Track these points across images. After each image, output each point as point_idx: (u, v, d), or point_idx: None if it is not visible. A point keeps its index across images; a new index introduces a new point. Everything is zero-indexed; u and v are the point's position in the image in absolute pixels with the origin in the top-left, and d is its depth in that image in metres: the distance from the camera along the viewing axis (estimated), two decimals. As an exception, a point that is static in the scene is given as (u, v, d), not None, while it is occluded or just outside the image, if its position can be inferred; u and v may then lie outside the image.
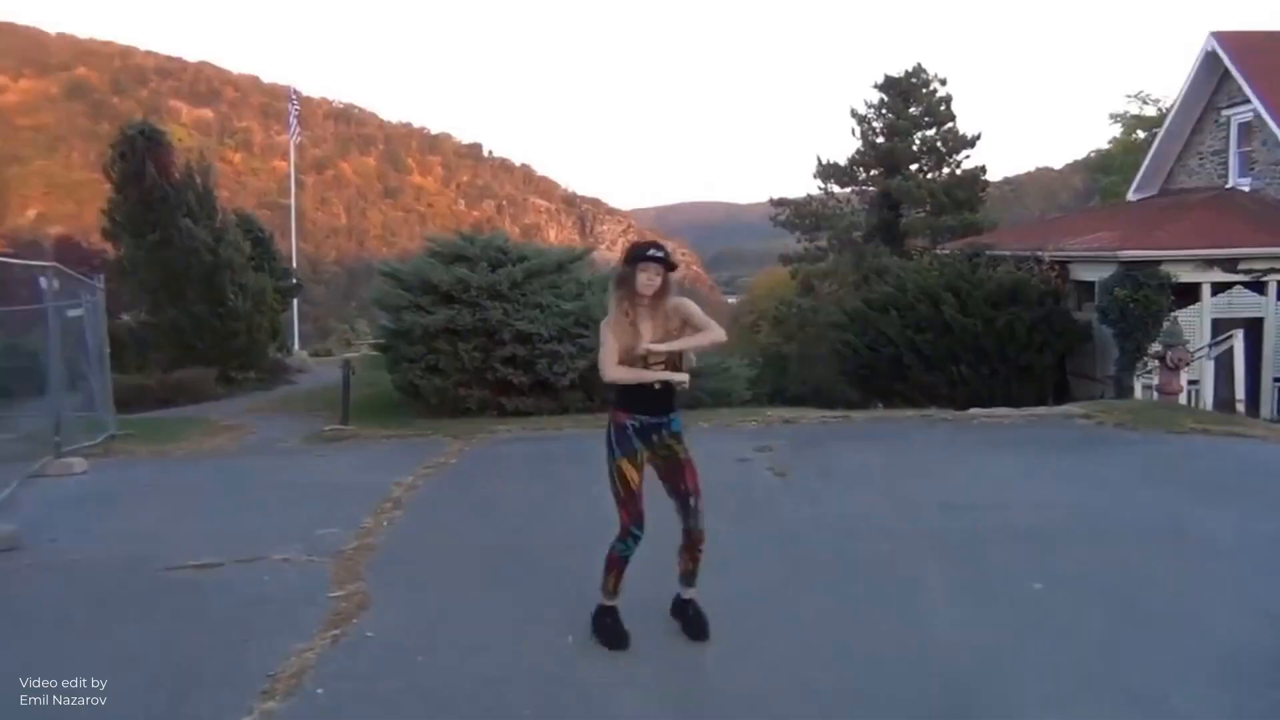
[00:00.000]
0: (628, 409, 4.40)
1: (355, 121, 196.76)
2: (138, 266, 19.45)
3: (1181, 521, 6.21)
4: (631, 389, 4.37)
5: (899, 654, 4.25)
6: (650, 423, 4.39)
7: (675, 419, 4.48)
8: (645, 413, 4.38)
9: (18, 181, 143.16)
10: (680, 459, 4.47)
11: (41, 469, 9.37)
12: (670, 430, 4.44)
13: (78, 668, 4.38)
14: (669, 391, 4.40)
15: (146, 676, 4.29)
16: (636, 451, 4.39)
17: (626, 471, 4.37)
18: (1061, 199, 60.72)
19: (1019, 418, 10.34)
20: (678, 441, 4.47)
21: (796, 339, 29.80)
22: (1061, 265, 18.22)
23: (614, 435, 4.42)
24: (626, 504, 4.38)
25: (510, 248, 13.50)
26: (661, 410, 4.41)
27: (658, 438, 4.42)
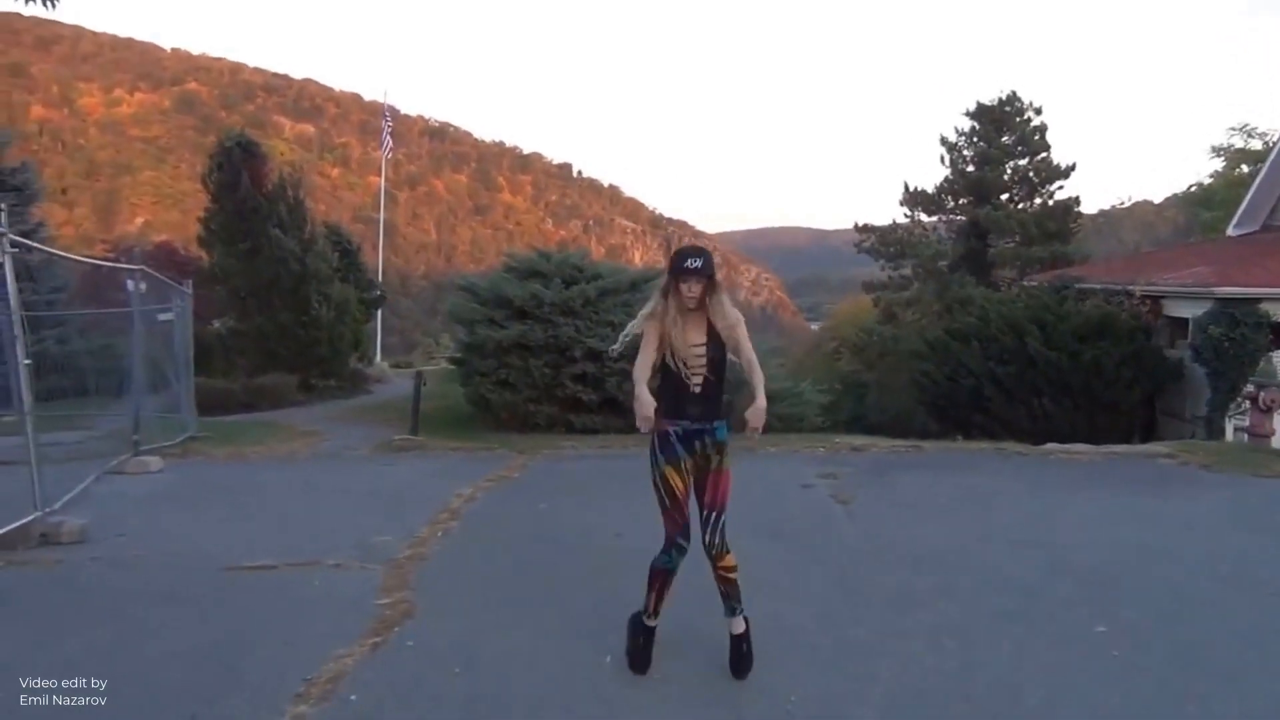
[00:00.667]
0: (670, 415, 4.29)
1: (450, 139, 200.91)
2: (229, 274, 20.01)
3: (1259, 570, 5.90)
4: (672, 394, 4.28)
5: (949, 693, 4.09)
6: (693, 429, 4.28)
7: (720, 427, 4.34)
8: (688, 418, 4.27)
9: (128, 190, 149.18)
10: (715, 469, 4.33)
11: (120, 466, 9.64)
12: (714, 439, 4.32)
13: (124, 663, 4.49)
14: (712, 395, 4.30)
15: (188, 674, 4.34)
16: (680, 459, 4.27)
17: (670, 479, 4.26)
18: (1158, 233, 58.94)
19: (1097, 455, 9.97)
20: (719, 452, 4.34)
21: (876, 367, 29.39)
22: (1154, 300, 17.67)
23: (657, 443, 4.31)
24: (671, 513, 4.27)
25: (585, 265, 13.54)
26: (705, 416, 4.29)
27: (700, 445, 4.30)
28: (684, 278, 4.23)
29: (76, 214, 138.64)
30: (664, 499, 4.28)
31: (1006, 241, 33.74)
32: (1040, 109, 34.62)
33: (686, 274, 4.23)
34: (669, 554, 4.26)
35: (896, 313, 34.41)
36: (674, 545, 4.25)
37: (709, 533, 4.30)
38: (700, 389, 4.26)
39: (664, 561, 4.28)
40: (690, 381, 4.25)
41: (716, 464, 4.32)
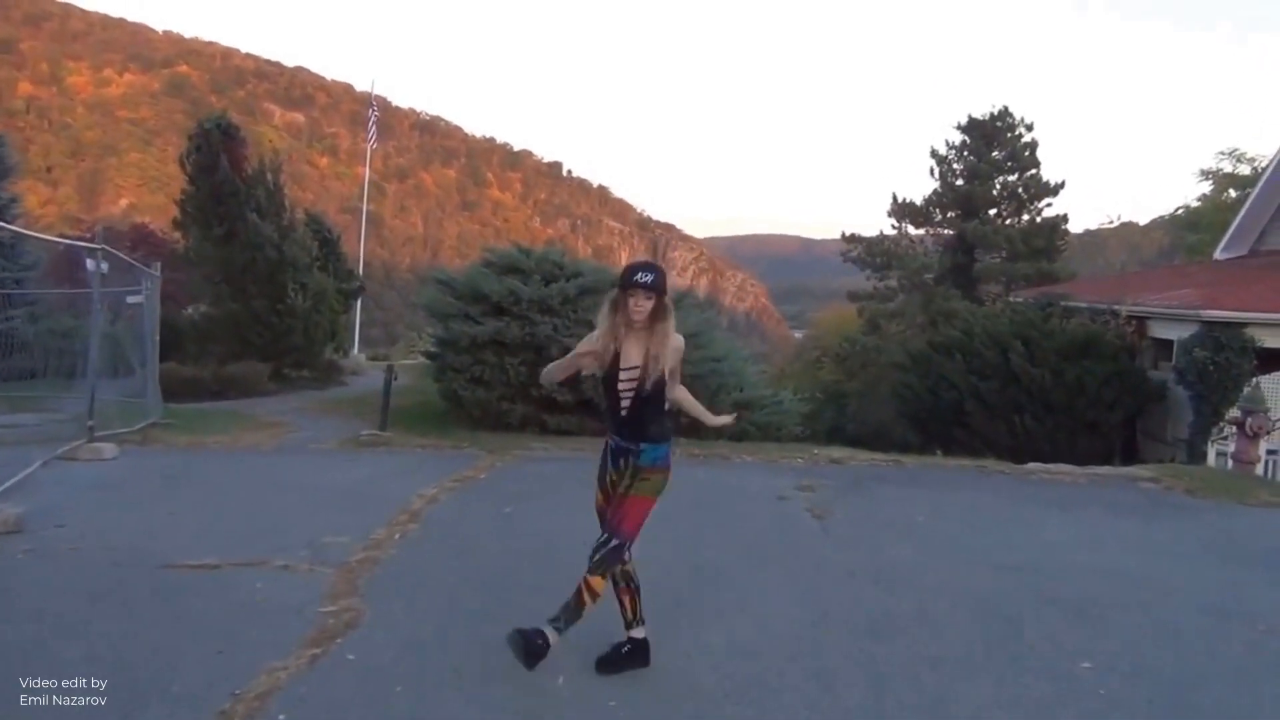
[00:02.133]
0: (608, 428, 4.26)
1: (440, 133, 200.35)
2: (204, 258, 19.55)
3: (1248, 603, 5.66)
4: (606, 408, 4.19)
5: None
6: (622, 447, 4.18)
7: (647, 450, 4.11)
8: (618, 435, 4.20)
9: (113, 171, 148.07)
10: (622, 491, 4.11)
11: (72, 452, 9.28)
12: (636, 461, 4.11)
13: (37, 667, 4.16)
14: (640, 419, 4.10)
15: (107, 681, 4.00)
16: (605, 473, 4.28)
17: (596, 492, 4.33)
18: (1145, 254, 59.00)
19: (1080, 476, 9.74)
20: (633, 476, 4.10)
21: (858, 378, 29.14)
22: (1139, 321, 17.52)
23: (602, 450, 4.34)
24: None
25: (566, 263, 13.21)
26: (631, 437, 4.12)
27: (624, 463, 4.16)
28: (632, 292, 4.00)
29: (60, 193, 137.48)
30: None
31: (993, 256, 33.65)
32: (1031, 125, 34.54)
33: (635, 288, 4.00)
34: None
35: (880, 324, 34.21)
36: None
37: (595, 548, 4.09)
38: (627, 412, 4.10)
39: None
40: (620, 402, 4.10)
41: (625, 487, 4.11)
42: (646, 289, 3.99)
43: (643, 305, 3.99)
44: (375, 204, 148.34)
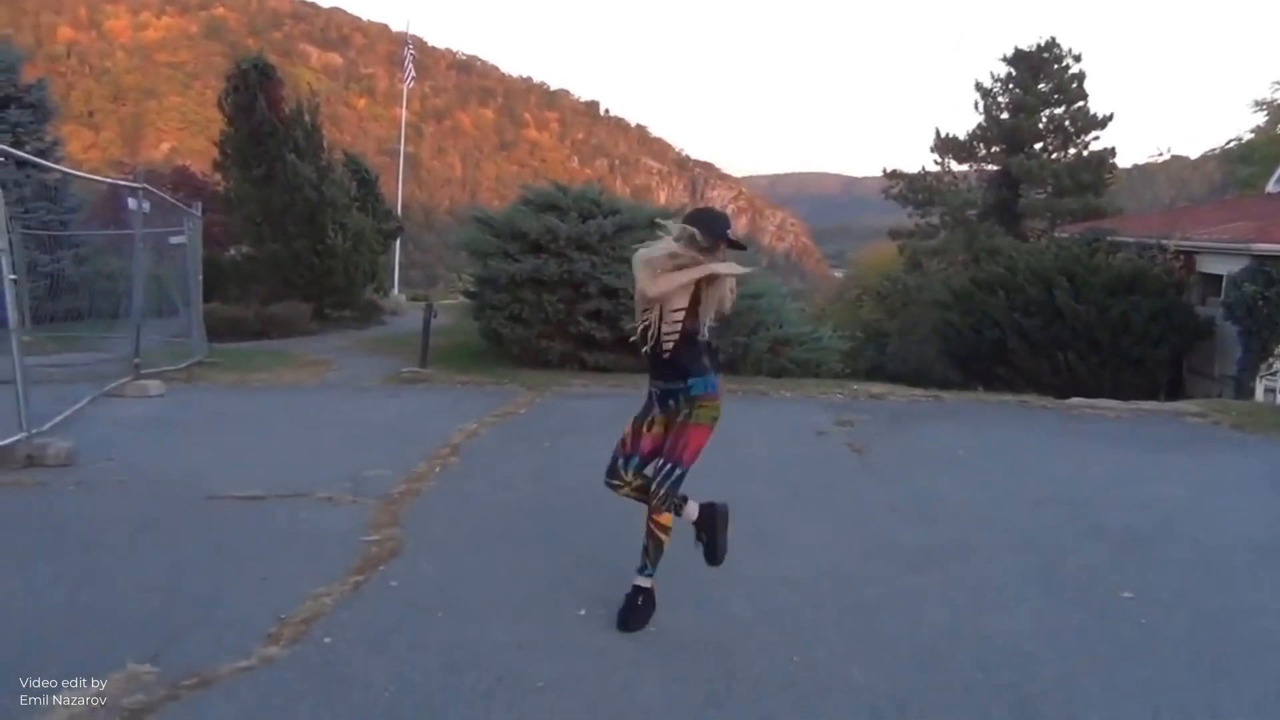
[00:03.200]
0: (650, 374, 4.22)
1: (477, 73, 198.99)
2: (244, 199, 19.66)
3: (1299, 538, 5.58)
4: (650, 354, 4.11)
5: (957, 655, 3.81)
6: (668, 389, 4.11)
7: (695, 383, 4.07)
8: (662, 379, 4.14)
9: (154, 115, 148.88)
10: (682, 420, 4.08)
11: (119, 389, 9.44)
12: (687, 395, 4.08)
13: (92, 593, 4.28)
14: (680, 362, 4.05)
15: (156, 608, 4.11)
16: (649, 415, 4.19)
17: (626, 428, 4.25)
18: (1195, 189, 57.60)
19: (1124, 411, 9.60)
20: (689, 404, 4.08)
21: (899, 316, 28.87)
22: (1188, 256, 17.18)
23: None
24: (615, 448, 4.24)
25: (603, 200, 13.12)
26: (675, 377, 4.07)
27: (674, 403, 4.11)
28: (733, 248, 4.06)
29: (103, 137, 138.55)
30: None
31: (1038, 192, 33.02)
32: (1079, 56, 33.68)
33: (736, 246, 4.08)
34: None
35: (922, 261, 33.82)
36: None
37: (655, 482, 4.08)
38: (669, 354, 4.05)
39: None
40: (662, 345, 4.04)
41: (684, 416, 4.08)
42: (732, 247, 4.03)
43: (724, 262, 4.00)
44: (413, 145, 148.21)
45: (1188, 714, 3.38)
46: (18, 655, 3.62)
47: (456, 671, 3.56)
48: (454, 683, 3.48)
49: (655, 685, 3.51)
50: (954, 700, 3.45)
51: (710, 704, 3.38)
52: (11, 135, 18.93)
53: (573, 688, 3.47)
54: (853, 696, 3.45)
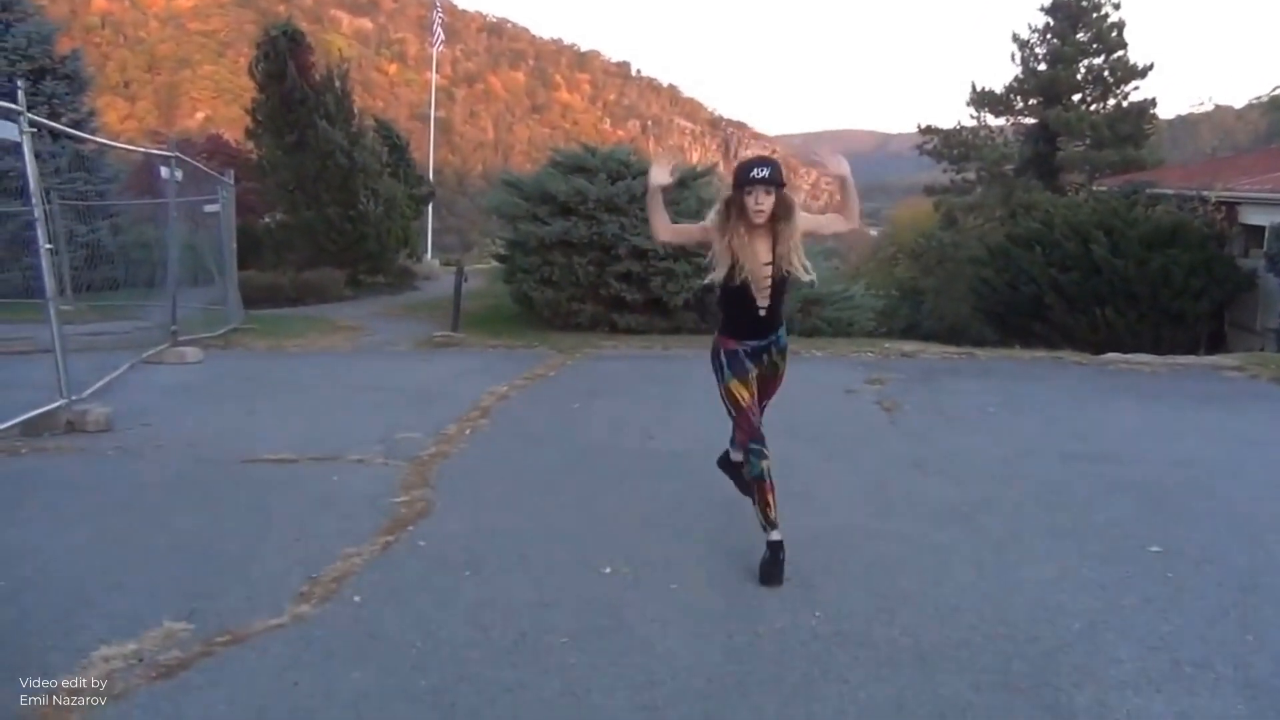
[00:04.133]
0: (736, 336, 4.22)
1: (507, 36, 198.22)
2: (276, 167, 19.80)
3: (1335, 492, 5.50)
4: (738, 314, 4.16)
5: (984, 611, 3.80)
6: (760, 345, 4.24)
7: (782, 333, 4.34)
8: (753, 338, 4.22)
9: (188, 84, 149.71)
10: (779, 373, 4.40)
11: (157, 356, 9.60)
12: (779, 346, 4.32)
13: (130, 553, 4.39)
14: (776, 313, 4.20)
15: (193, 567, 4.21)
16: (748, 373, 4.22)
17: (737, 392, 4.19)
18: (1238, 140, 56.27)
19: (1160, 366, 9.50)
20: (782, 358, 4.36)
21: (934, 274, 28.62)
22: (1229, 207, 16.83)
23: (725, 359, 4.23)
24: (739, 422, 4.24)
25: (632, 161, 13.09)
26: (769, 332, 4.25)
27: (768, 357, 4.29)
28: (750, 189, 3.93)
29: (139, 108, 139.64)
30: (731, 410, 4.26)
31: (1076, 145, 32.38)
32: (1119, 4, 32.82)
33: (754, 184, 3.93)
34: (750, 460, 4.15)
35: (958, 218, 33.40)
36: (749, 451, 4.14)
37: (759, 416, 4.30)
38: (766, 311, 4.14)
39: (752, 470, 4.15)
40: (758, 303, 4.10)
41: (782, 368, 4.39)
42: (765, 184, 3.92)
43: (764, 202, 3.93)
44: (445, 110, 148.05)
45: (1210, 667, 3.37)
46: (59, 614, 3.73)
47: (482, 628, 3.62)
48: (479, 639, 3.54)
49: (676, 640, 3.54)
50: (974, 653, 3.46)
51: (730, 658, 3.41)
52: (47, 107, 19.13)
53: (594, 643, 3.52)
54: (872, 651, 3.47)
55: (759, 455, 4.09)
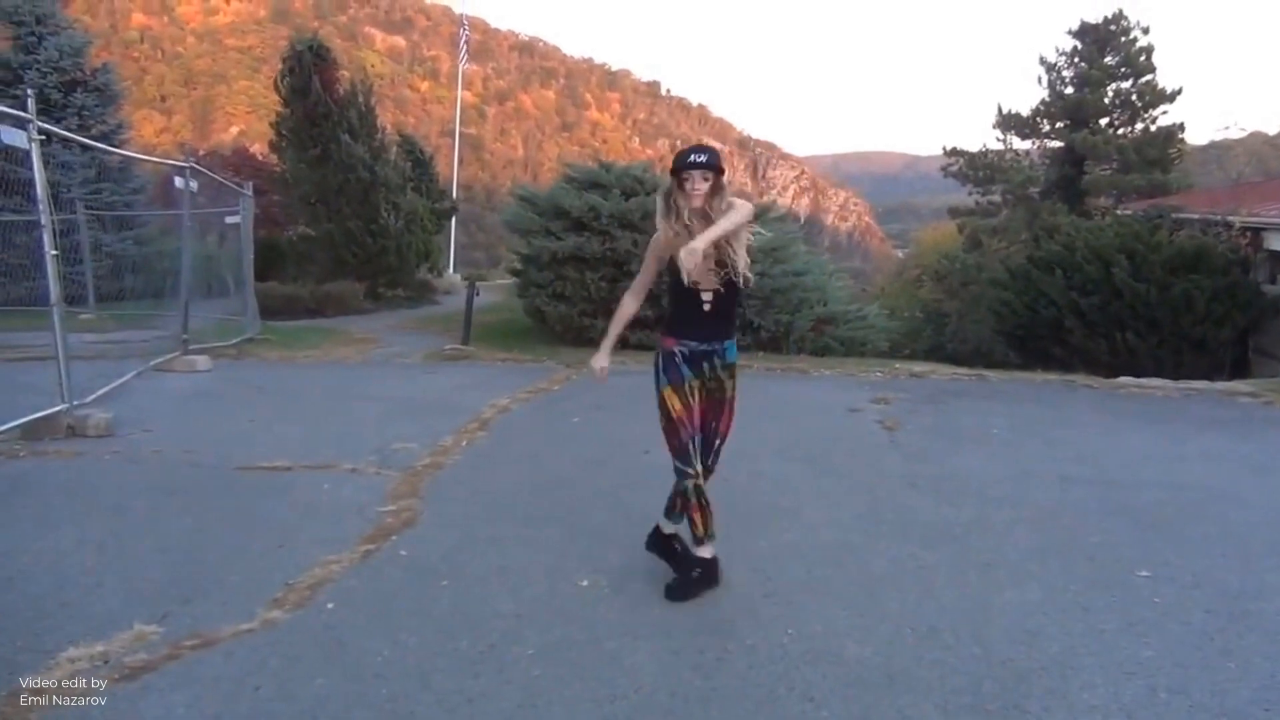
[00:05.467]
0: (677, 334, 3.95)
1: (539, 54, 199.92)
2: (299, 180, 20.00)
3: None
4: (679, 311, 3.93)
5: (961, 632, 3.75)
6: (701, 350, 3.93)
7: (731, 346, 4.00)
8: (694, 338, 3.91)
9: (223, 99, 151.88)
10: (726, 396, 4.03)
11: (167, 364, 9.69)
12: (724, 360, 3.97)
13: (111, 556, 4.41)
14: (722, 312, 3.92)
15: (173, 571, 4.23)
16: (684, 380, 3.93)
17: (669, 401, 3.94)
18: (1271, 166, 55.76)
19: (1172, 390, 9.38)
20: (730, 376, 4.01)
21: (958, 296, 28.40)
22: (1254, 233, 16.60)
23: (661, 362, 4.00)
24: (669, 436, 3.96)
25: (646, 177, 13.11)
26: (714, 335, 3.93)
27: (709, 367, 3.95)
28: (687, 175, 3.83)
29: (175, 121, 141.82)
30: (663, 419, 4.00)
31: (1103, 168, 32.17)
32: (1148, 28, 32.68)
33: (690, 169, 3.82)
34: (679, 480, 3.98)
35: (982, 240, 33.17)
36: (677, 471, 3.97)
37: (711, 458, 4.09)
38: (710, 306, 3.88)
39: (677, 486, 4.01)
40: (700, 298, 3.87)
41: (730, 390, 4.04)
42: (703, 169, 3.81)
43: (700, 186, 3.81)
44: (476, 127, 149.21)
45: (1187, 694, 3.30)
46: (35, 615, 3.76)
47: (451, 638, 3.61)
48: (447, 648, 3.52)
49: (646, 655, 3.51)
50: (945, 674, 3.41)
51: (697, 673, 3.38)
52: (77, 118, 19.46)
53: (562, 655, 3.49)
54: (842, 669, 3.43)
55: (682, 475, 3.95)
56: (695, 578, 4.06)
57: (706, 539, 4.06)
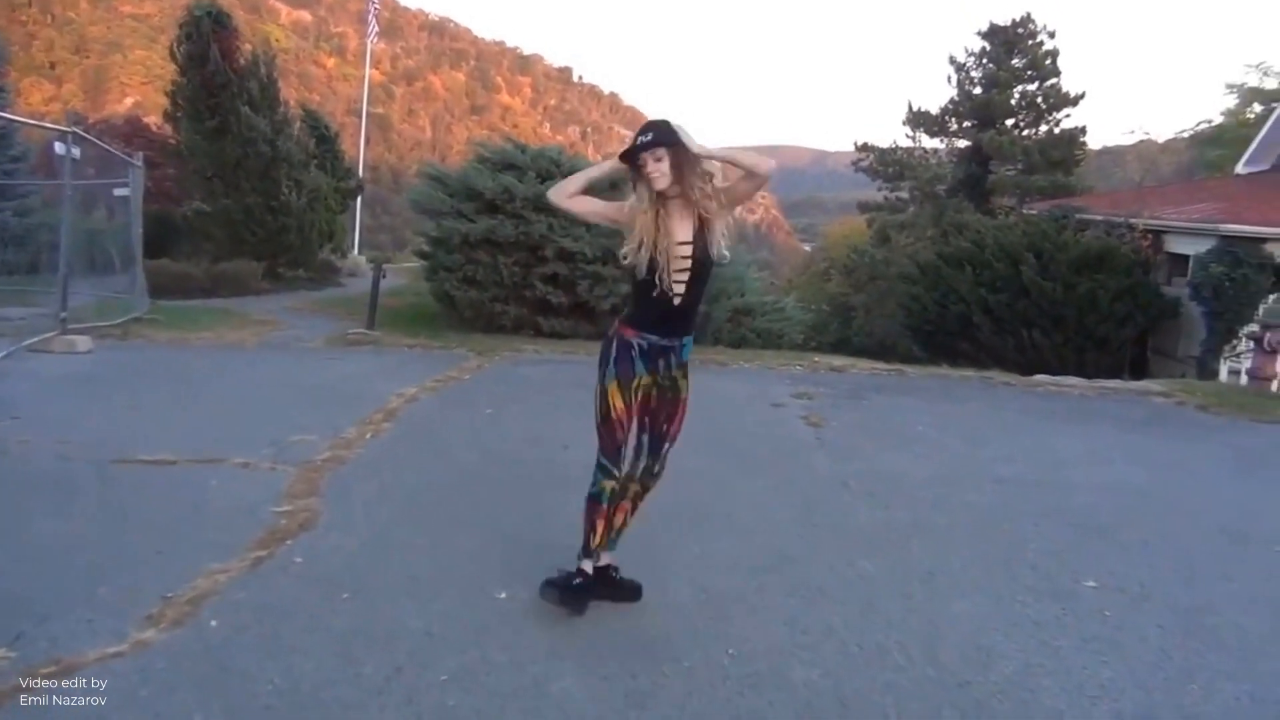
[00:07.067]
0: (637, 325, 3.54)
1: (449, 35, 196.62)
2: (195, 152, 19.00)
3: (1263, 524, 5.31)
4: (646, 303, 3.50)
5: (911, 650, 3.48)
6: (661, 345, 3.54)
7: (688, 344, 3.60)
8: (657, 332, 3.52)
9: (118, 69, 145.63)
10: (679, 397, 3.66)
11: (44, 344, 8.96)
12: (679, 359, 3.60)
13: (-42, 564, 3.87)
14: (692, 307, 3.53)
15: (30, 583, 3.72)
16: (635, 377, 3.54)
17: (612, 397, 3.53)
18: (1163, 171, 57.58)
19: (1089, 389, 9.37)
20: (683, 375, 3.64)
21: (866, 290, 28.63)
22: (1155, 235, 16.97)
23: (614, 353, 3.55)
24: (604, 432, 3.55)
25: (563, 160, 12.69)
26: (678, 331, 3.55)
27: (664, 364, 3.58)
28: (640, 161, 3.40)
29: (65, 90, 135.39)
30: (600, 414, 3.57)
31: (1008, 169, 32.76)
32: (1054, 33, 33.33)
33: (639, 153, 3.39)
34: (596, 478, 3.56)
35: (890, 235, 33.50)
36: (600, 468, 3.55)
37: (658, 462, 3.72)
38: (682, 299, 3.48)
39: (591, 486, 3.57)
40: (672, 291, 3.44)
41: (684, 391, 3.67)
42: (652, 147, 3.38)
43: (657, 166, 3.37)
44: (384, 107, 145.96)
45: (1141, 709, 3.09)
46: None
47: (353, 662, 3.20)
48: (347, 675, 3.12)
49: (573, 680, 3.16)
50: (901, 698, 3.14)
51: (631, 702, 3.04)
52: (-50, 80, 18.23)
53: (480, 682, 3.12)
54: (790, 695, 3.13)
55: (606, 473, 3.55)
56: (575, 585, 3.63)
57: (598, 550, 3.67)
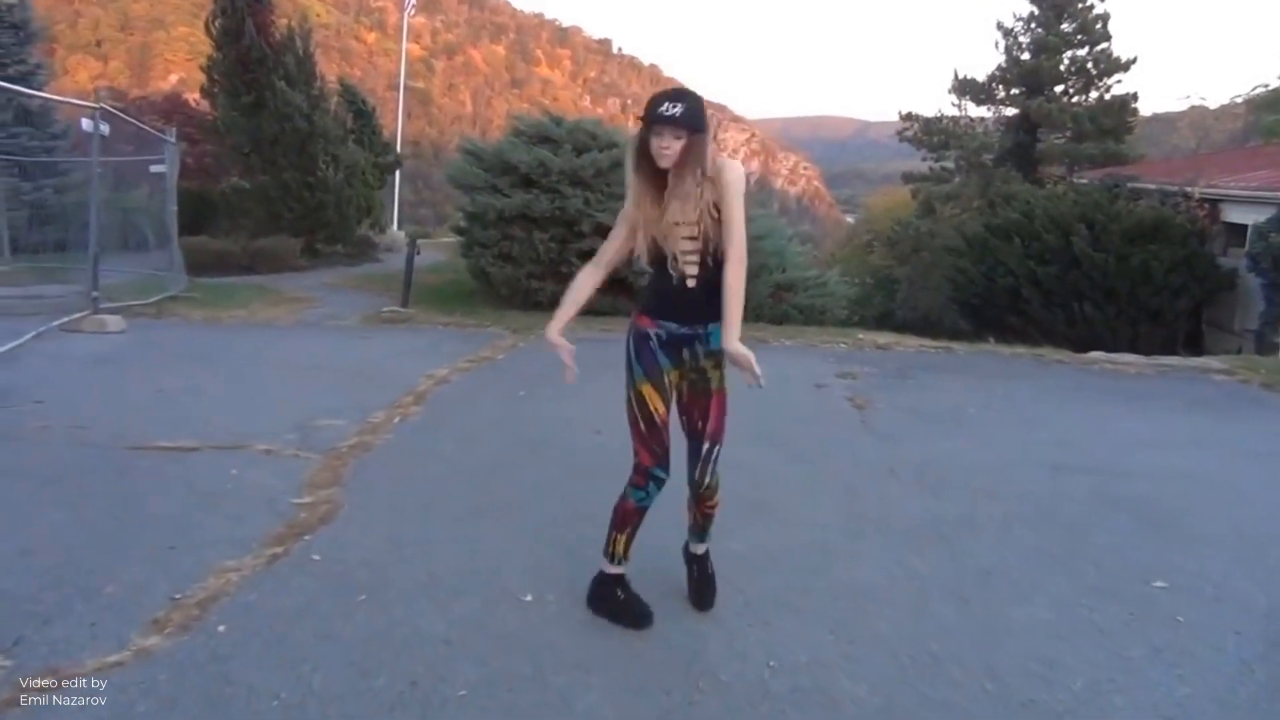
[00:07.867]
0: (652, 313, 3.24)
1: (489, 9, 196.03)
2: (232, 128, 18.91)
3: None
4: (656, 288, 3.22)
5: (968, 661, 3.21)
6: (680, 333, 3.22)
7: (717, 331, 3.13)
8: (674, 319, 3.20)
9: (162, 46, 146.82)
10: (711, 389, 3.29)
11: (76, 324, 8.87)
12: (707, 347, 3.23)
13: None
14: (710, 289, 3.12)
15: (34, 580, 3.55)
16: (663, 373, 3.24)
17: (648, 398, 3.22)
18: (1216, 138, 56.09)
19: (1147, 367, 8.96)
20: (714, 365, 3.27)
21: (910, 262, 28.08)
22: (1212, 204, 16.39)
23: (633, 347, 3.27)
24: (644, 439, 3.23)
25: (600, 133, 12.38)
26: (698, 317, 3.19)
27: (690, 354, 3.26)
28: (656, 130, 3.03)
29: (111, 67, 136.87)
30: (636, 420, 3.25)
31: (1057, 137, 31.97)
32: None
33: (660, 124, 3.01)
34: (642, 489, 3.25)
35: (935, 206, 32.86)
36: (649, 478, 3.24)
37: (700, 469, 3.34)
38: (695, 282, 3.13)
39: (636, 497, 3.27)
40: (684, 272, 3.13)
41: (716, 383, 3.28)
42: (675, 124, 2.99)
43: (670, 146, 3.01)
44: (424, 81, 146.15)
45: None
46: None
47: (365, 674, 2.98)
48: (360, 687, 2.90)
49: (601, 695, 2.93)
50: (942, 708, 2.87)
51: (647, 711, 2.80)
52: (-11, 56, 18.23)
53: (500, 696, 2.89)
54: (837, 715, 2.87)
55: (657, 484, 3.26)
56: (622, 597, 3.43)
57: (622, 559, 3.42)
